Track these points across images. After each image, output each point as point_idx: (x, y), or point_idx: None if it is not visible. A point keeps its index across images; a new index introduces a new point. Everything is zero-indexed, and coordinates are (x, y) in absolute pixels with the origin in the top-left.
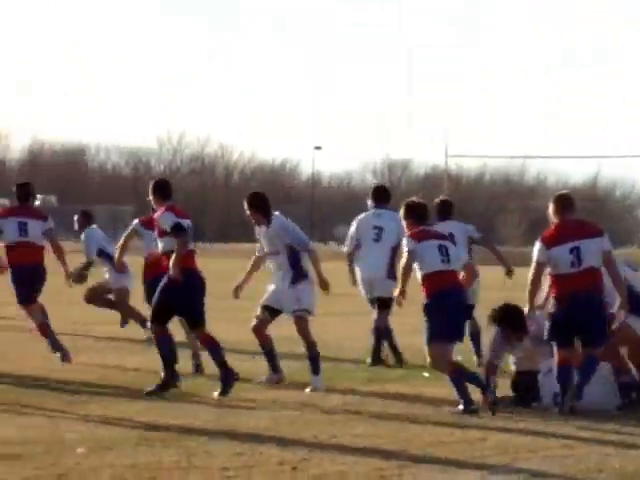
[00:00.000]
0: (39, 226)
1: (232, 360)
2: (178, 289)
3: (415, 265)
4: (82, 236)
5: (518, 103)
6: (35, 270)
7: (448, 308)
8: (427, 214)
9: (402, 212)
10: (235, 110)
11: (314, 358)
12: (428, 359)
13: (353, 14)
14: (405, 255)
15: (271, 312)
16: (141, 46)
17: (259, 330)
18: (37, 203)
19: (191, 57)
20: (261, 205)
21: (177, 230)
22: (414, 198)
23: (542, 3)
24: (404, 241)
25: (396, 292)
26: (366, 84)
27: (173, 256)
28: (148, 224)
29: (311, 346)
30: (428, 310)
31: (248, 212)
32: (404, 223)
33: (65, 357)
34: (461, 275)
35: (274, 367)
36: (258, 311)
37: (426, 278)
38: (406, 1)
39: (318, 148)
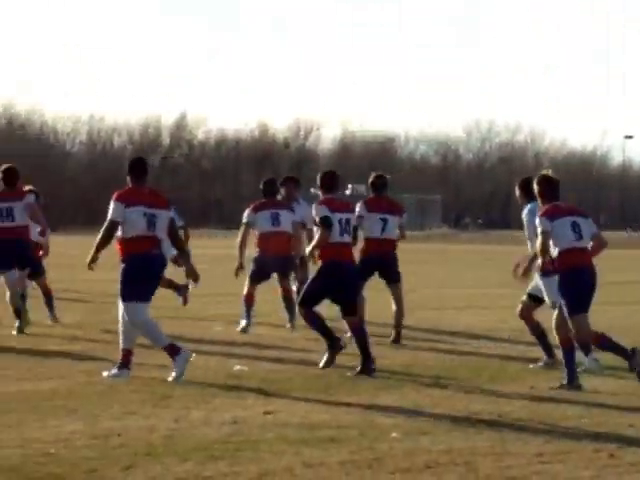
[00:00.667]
0: (290, 216)
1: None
2: (329, 278)
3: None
4: None
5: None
6: (286, 258)
7: (581, 284)
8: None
9: (535, 186)
10: (545, 97)
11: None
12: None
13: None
14: (541, 235)
15: (534, 299)
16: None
17: (523, 315)
18: (347, 193)
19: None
20: (525, 187)
21: (323, 223)
22: (546, 172)
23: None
24: (537, 220)
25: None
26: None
27: (312, 243)
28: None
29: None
30: (563, 284)
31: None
32: (538, 199)
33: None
34: None
35: (548, 351)
36: (524, 296)
37: (560, 254)
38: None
39: (629, 137)
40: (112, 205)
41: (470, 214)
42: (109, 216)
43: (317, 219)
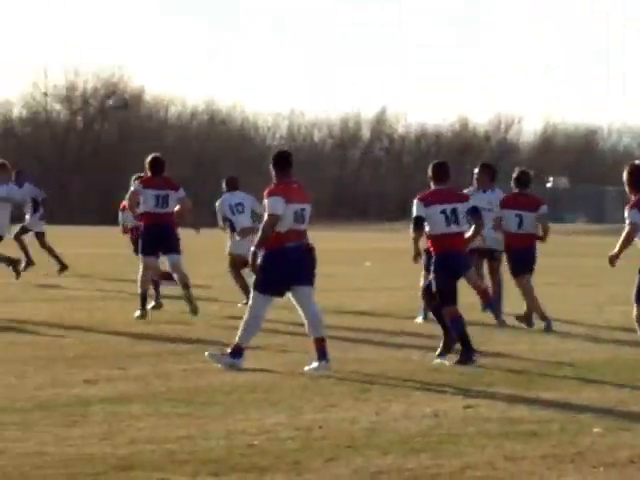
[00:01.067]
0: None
1: None
2: (444, 269)
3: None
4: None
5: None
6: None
7: None
8: None
9: (627, 176)
10: None
11: None
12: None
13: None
14: (629, 226)
15: None
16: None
17: None
18: (548, 185)
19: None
20: None
21: (413, 222)
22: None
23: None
24: (628, 212)
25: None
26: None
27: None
28: None
29: None
30: None
31: None
32: (627, 188)
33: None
34: None
35: None
36: None
37: None
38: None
39: None
40: (271, 200)
41: None
42: (270, 211)
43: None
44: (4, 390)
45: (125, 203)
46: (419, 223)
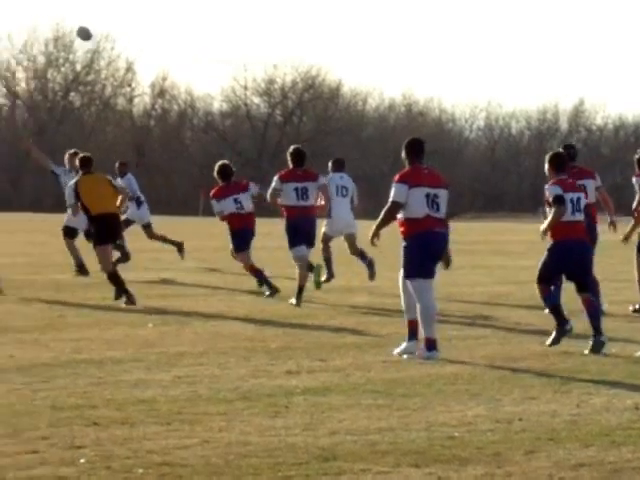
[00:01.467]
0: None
1: None
2: (561, 256)
3: None
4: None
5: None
6: None
7: None
8: None
9: None
10: None
11: None
12: None
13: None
14: None
15: None
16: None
17: None
18: None
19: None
20: None
21: (556, 202)
22: None
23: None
24: None
25: None
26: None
27: (546, 222)
28: None
29: None
30: None
31: None
32: None
33: None
34: None
35: None
36: None
37: None
38: None
39: None
40: (395, 187)
41: None
42: (392, 198)
43: (550, 199)
44: (208, 381)
45: (214, 191)
46: (563, 201)
